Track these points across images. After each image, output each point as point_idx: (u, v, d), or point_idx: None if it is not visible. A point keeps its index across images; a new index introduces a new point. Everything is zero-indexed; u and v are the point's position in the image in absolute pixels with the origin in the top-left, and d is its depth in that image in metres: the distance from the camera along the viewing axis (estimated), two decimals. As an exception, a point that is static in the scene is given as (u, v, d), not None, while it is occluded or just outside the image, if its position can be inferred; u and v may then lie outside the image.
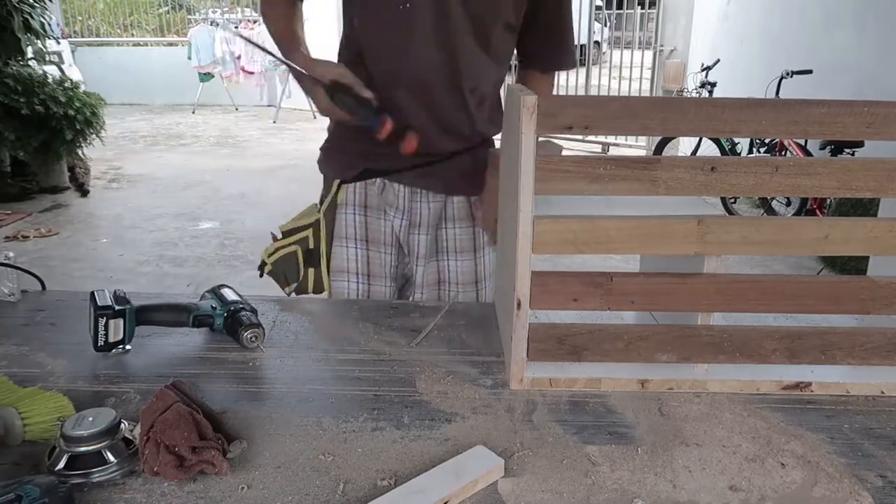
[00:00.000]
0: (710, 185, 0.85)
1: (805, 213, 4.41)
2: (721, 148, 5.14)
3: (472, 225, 1.43)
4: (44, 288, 1.25)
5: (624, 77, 8.12)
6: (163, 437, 0.72)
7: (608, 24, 8.47)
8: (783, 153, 4.63)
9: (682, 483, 0.74)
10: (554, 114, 0.83)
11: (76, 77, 6.41)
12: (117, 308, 0.98)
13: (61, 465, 0.73)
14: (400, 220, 1.37)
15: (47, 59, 5.98)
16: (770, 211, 4.90)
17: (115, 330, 0.98)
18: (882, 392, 0.92)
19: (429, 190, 1.37)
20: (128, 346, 1.00)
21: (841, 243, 0.87)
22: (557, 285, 0.90)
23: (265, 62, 9.38)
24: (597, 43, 9.28)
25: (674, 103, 0.85)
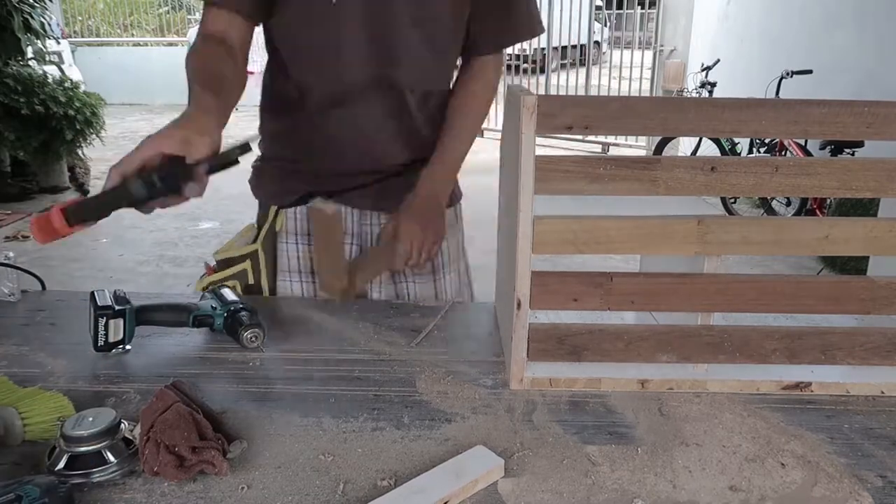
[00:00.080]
0: (710, 185, 0.85)
1: (805, 213, 4.41)
2: (721, 148, 5.14)
3: None
4: (44, 288, 1.25)
5: (624, 77, 8.13)
6: (163, 437, 0.72)
7: (608, 24, 8.48)
8: (783, 153, 4.63)
9: (682, 483, 0.74)
10: (554, 114, 0.83)
11: (76, 77, 6.42)
12: (117, 308, 0.98)
13: (61, 465, 0.73)
14: (350, 245, 1.26)
15: (47, 59, 5.99)
16: (770, 211, 4.90)
17: (115, 330, 0.98)
18: (882, 392, 0.92)
19: (380, 211, 1.25)
20: (128, 346, 1.00)
21: (841, 243, 0.87)
22: (557, 285, 0.90)
23: (265, 62, 9.35)
24: (597, 43, 9.29)
25: (674, 103, 0.85)
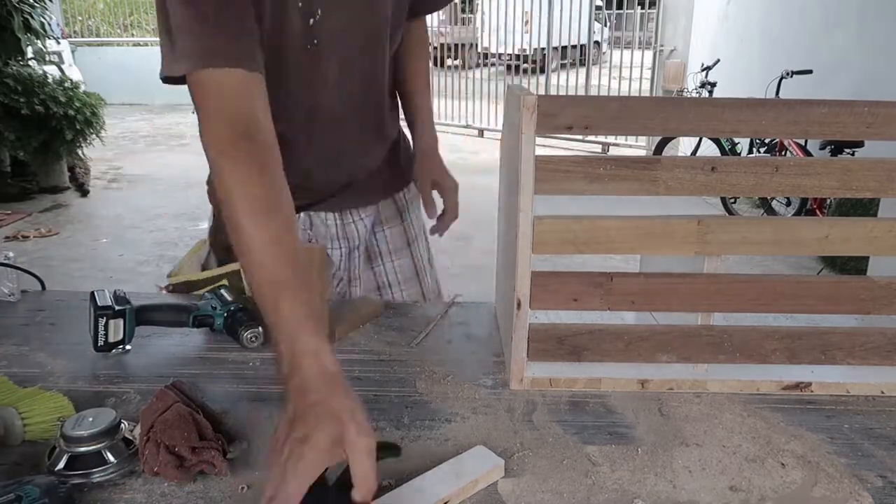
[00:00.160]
0: (710, 185, 0.85)
1: (805, 213, 4.41)
2: (721, 148, 5.14)
3: (401, 221, 1.34)
4: (44, 288, 1.25)
5: (624, 77, 8.12)
6: (163, 438, 0.72)
7: (608, 24, 8.48)
8: (783, 153, 4.63)
9: (682, 483, 0.74)
10: (554, 114, 0.83)
11: (76, 77, 6.41)
12: (117, 308, 0.98)
13: (61, 465, 0.73)
14: (339, 250, 1.27)
15: (47, 59, 5.99)
16: (770, 211, 4.90)
17: (115, 330, 0.98)
18: (882, 392, 0.92)
19: (359, 208, 1.26)
20: (128, 346, 1.00)
21: (841, 243, 0.87)
22: (557, 285, 0.89)
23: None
24: (597, 43, 9.29)
25: (674, 103, 0.85)
